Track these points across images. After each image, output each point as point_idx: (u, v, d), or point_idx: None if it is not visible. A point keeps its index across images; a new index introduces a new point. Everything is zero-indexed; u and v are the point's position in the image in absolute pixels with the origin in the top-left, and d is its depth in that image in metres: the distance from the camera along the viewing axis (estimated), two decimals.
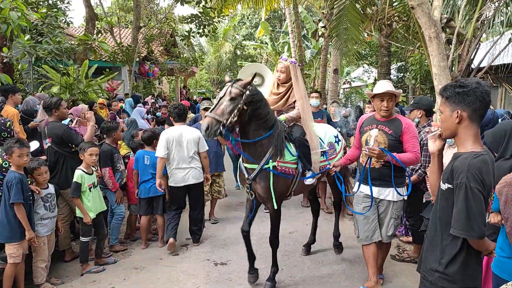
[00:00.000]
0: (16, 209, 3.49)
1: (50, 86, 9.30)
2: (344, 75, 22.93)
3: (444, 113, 2.04)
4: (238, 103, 3.32)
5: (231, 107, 3.30)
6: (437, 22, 6.24)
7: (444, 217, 2.02)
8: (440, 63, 6.05)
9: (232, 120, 3.31)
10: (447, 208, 1.99)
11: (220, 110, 3.28)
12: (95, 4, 14.65)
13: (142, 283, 4.04)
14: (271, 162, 3.58)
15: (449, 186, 1.96)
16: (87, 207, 4.24)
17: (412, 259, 4.44)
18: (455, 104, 1.98)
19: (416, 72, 10.01)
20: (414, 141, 3.44)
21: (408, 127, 3.45)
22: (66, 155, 4.53)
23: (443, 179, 2.05)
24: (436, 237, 2.08)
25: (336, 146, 4.36)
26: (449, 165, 2.02)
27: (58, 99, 4.68)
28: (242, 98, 3.35)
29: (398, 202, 3.57)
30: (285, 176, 3.69)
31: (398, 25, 9.86)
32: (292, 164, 3.73)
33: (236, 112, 3.31)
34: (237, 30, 35.34)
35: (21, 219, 3.51)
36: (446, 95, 2.02)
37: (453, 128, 2.01)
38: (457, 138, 2.04)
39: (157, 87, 18.30)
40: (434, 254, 2.07)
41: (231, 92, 3.34)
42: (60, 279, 4.13)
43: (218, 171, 5.87)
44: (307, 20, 18.90)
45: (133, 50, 13.32)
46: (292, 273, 4.19)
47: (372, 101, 3.65)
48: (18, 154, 3.56)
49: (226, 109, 3.29)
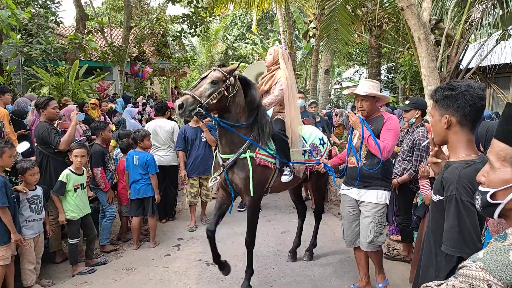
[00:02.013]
0: (1, 212, 3.45)
1: (40, 86, 9.23)
2: (335, 75, 23.08)
3: (434, 117, 1.89)
4: (220, 87, 3.19)
5: (211, 90, 3.16)
6: (426, 23, 6.33)
7: (436, 230, 1.86)
8: (429, 64, 6.15)
9: (211, 102, 3.14)
10: (440, 221, 1.82)
11: (199, 91, 3.14)
12: (85, 4, 14.53)
13: (133, 283, 4.03)
14: (248, 152, 3.46)
15: (440, 198, 1.81)
16: (71, 207, 4.22)
17: (402, 257, 4.50)
18: (443, 108, 1.82)
19: (405, 73, 10.12)
20: (388, 134, 3.23)
21: (387, 120, 3.29)
22: (50, 156, 4.47)
23: (434, 190, 1.90)
24: (431, 252, 1.90)
25: (320, 148, 4.23)
26: (440, 175, 1.87)
27: (46, 99, 4.63)
28: (225, 83, 3.23)
29: (379, 206, 3.36)
30: (263, 167, 3.57)
31: (388, 27, 9.96)
32: (270, 158, 3.62)
33: (216, 95, 3.16)
34: (229, 31, 35.32)
35: (6, 223, 3.47)
36: (436, 98, 1.87)
37: (442, 134, 1.86)
38: (448, 145, 1.89)
39: (149, 87, 18.21)
40: (430, 271, 1.88)
41: (212, 75, 3.23)
42: (51, 281, 4.10)
43: (206, 174, 5.73)
44: (299, 20, 18.99)
45: (124, 50, 13.25)
46: (284, 273, 4.22)
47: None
48: (9, 154, 3.55)
49: (204, 91, 3.15)
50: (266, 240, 5.14)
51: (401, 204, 4.48)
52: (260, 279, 4.07)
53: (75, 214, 4.25)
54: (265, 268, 4.32)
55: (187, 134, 5.68)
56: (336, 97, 22.04)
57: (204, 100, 3.11)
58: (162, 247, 5.00)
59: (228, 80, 3.24)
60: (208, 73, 3.27)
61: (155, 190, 4.97)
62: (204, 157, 5.74)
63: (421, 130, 4.25)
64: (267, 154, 3.58)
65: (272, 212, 6.38)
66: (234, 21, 35.03)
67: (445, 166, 1.87)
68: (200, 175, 5.75)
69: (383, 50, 11.51)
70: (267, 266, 4.37)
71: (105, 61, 13.09)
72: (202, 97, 3.11)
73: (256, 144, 3.49)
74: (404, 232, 4.50)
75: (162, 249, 4.93)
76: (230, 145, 3.48)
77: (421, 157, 4.18)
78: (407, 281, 3.92)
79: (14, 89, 8.42)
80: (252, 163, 3.45)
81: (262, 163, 3.54)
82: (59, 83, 8.48)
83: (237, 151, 3.45)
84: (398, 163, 4.34)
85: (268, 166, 3.59)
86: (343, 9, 9.12)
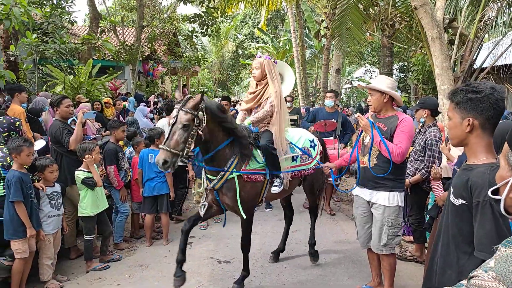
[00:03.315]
0: (16, 207, 3.54)
1: (54, 85, 9.37)
2: (345, 75, 22.98)
3: (453, 119, 1.84)
4: (191, 130, 3.13)
5: (185, 136, 3.10)
6: (440, 22, 6.29)
7: (458, 234, 1.82)
8: (443, 64, 6.10)
9: (189, 150, 3.15)
10: (462, 225, 1.79)
11: (174, 142, 3.07)
12: (98, 3, 14.70)
13: (147, 280, 4.09)
14: (235, 172, 3.45)
15: (464, 202, 1.75)
16: (87, 204, 4.30)
17: (414, 258, 4.49)
18: (466, 111, 1.78)
19: (418, 73, 10.03)
20: (402, 136, 3.14)
21: (402, 122, 3.18)
22: (63, 154, 4.53)
23: (456, 193, 1.82)
24: (450, 256, 1.86)
25: (311, 151, 4.16)
26: (461, 178, 1.80)
27: (59, 97, 4.69)
28: (195, 122, 3.14)
29: (392, 208, 3.25)
30: (252, 183, 3.57)
31: (401, 26, 9.90)
32: (259, 171, 3.60)
33: (191, 140, 3.14)
34: (239, 30, 35.36)
35: (21, 217, 3.55)
36: (457, 100, 1.81)
37: (462, 136, 1.82)
38: (467, 147, 1.85)
39: (160, 86, 18.35)
40: (450, 276, 1.83)
41: (182, 119, 3.10)
42: (66, 276, 4.18)
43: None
44: (311, 19, 18.92)
45: (136, 49, 13.37)
46: (296, 272, 4.24)
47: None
48: (27, 153, 3.62)
49: (180, 139, 3.09)
50: (277, 240, 5.13)
51: (413, 204, 4.46)
52: (272, 278, 4.09)
53: (91, 211, 4.32)
54: (277, 267, 4.34)
55: None
56: (347, 96, 21.93)
57: (182, 150, 3.10)
58: (175, 245, 5.03)
59: (196, 118, 3.15)
60: (176, 116, 3.13)
61: (170, 187, 5.03)
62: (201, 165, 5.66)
63: (433, 130, 4.22)
64: (255, 168, 3.57)
65: (281, 215, 6.38)
66: (244, 20, 35.07)
67: (465, 168, 1.83)
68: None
69: (395, 49, 11.44)
70: (279, 265, 4.39)
71: (118, 60, 13.22)
72: (179, 146, 3.07)
73: (243, 160, 3.49)
74: (417, 232, 4.48)
75: (174, 247, 4.96)
76: (214, 167, 3.48)
77: (434, 157, 4.16)
78: (420, 282, 3.90)
79: (29, 88, 8.56)
80: (239, 182, 3.47)
81: (250, 179, 3.54)
82: (77, 82, 8.59)
83: (221, 173, 3.45)
84: (410, 163, 4.32)
85: (257, 180, 3.59)
86: (355, 8, 9.09)
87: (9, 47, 7.21)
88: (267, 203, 6.31)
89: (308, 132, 4.49)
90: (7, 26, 5.92)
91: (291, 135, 4.09)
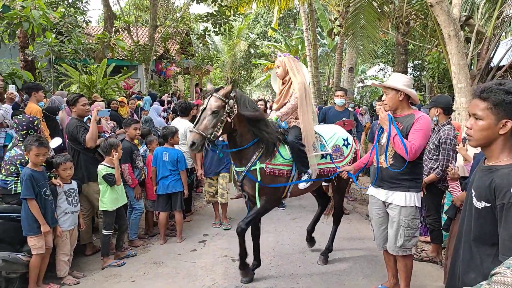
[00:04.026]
0: (29, 204, 3.59)
1: (69, 84, 9.49)
2: (358, 73, 22.80)
3: (487, 120, 1.76)
4: (221, 116, 3.32)
5: (214, 121, 3.30)
6: (456, 20, 6.18)
7: (481, 237, 1.79)
8: (459, 62, 6.00)
9: (217, 134, 3.33)
10: (485, 228, 1.75)
11: (203, 125, 3.29)
12: (112, 3, 14.84)
13: (161, 277, 4.12)
14: (258, 164, 3.57)
15: (487, 204, 1.72)
16: (107, 199, 4.38)
17: (431, 258, 4.42)
18: (504, 112, 1.71)
19: (433, 71, 9.88)
20: (416, 134, 3.07)
21: (417, 120, 3.10)
22: (80, 151, 4.59)
23: (477, 196, 1.78)
24: (473, 259, 1.82)
25: (344, 150, 4.11)
26: (483, 180, 1.76)
27: (76, 96, 4.75)
28: (225, 109, 3.33)
29: (409, 209, 3.18)
30: (273, 176, 3.65)
31: (416, 23, 9.77)
32: (285, 166, 3.69)
33: (220, 125, 3.32)
34: (251, 29, 35.34)
35: (34, 213, 3.60)
36: (494, 101, 1.73)
37: (493, 138, 1.76)
38: (489, 148, 1.80)
39: (173, 85, 18.46)
40: (474, 279, 1.77)
41: (212, 105, 3.31)
42: (82, 273, 4.24)
43: (222, 172, 5.58)
44: (323, 17, 18.80)
45: (150, 49, 13.47)
46: (310, 271, 4.21)
47: None
48: (35, 152, 3.64)
49: (209, 124, 3.29)
50: (291, 238, 5.15)
51: (430, 204, 4.40)
52: (286, 277, 4.07)
53: (111, 205, 4.40)
54: (291, 266, 4.32)
55: None
56: (360, 95, 21.75)
57: (210, 134, 3.28)
58: (188, 242, 5.08)
59: (227, 105, 3.34)
60: (207, 103, 3.34)
61: (184, 185, 5.06)
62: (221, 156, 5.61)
63: (447, 128, 4.16)
64: (281, 163, 3.67)
65: (297, 211, 6.37)
66: (256, 19, 35.03)
67: (487, 170, 1.78)
68: (212, 175, 5.62)
69: (410, 48, 11.30)
70: (293, 264, 4.37)
71: (132, 59, 13.34)
72: (208, 130, 3.28)
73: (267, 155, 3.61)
74: (433, 232, 4.41)
75: (188, 244, 5.01)
76: (241, 160, 3.65)
77: (448, 156, 4.10)
78: (437, 282, 3.85)
79: (45, 87, 8.69)
80: (261, 173, 3.58)
81: (272, 172, 3.63)
82: (90, 81, 8.71)
83: (247, 164, 3.61)
84: (424, 162, 4.26)
85: (280, 175, 3.68)
86: (369, 6, 9.02)
87: (27, 47, 7.33)
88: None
89: (343, 130, 4.45)
90: (26, 28, 6.01)
91: (324, 132, 4.09)
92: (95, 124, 4.56)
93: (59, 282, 3.95)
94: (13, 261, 3.54)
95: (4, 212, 3.78)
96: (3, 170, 3.96)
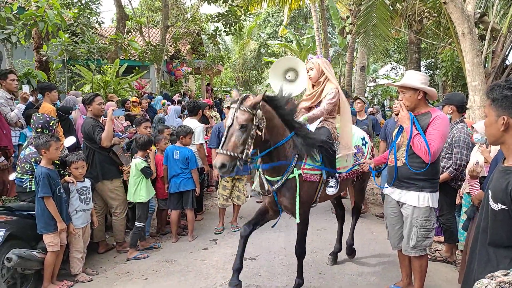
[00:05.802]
0: (46, 202, 3.65)
1: (82, 84, 9.62)
2: (370, 72, 22.63)
3: (489, 117, 1.80)
4: (250, 130, 2.92)
5: (244, 137, 2.90)
6: (471, 17, 6.09)
7: (497, 239, 1.77)
8: (474, 59, 5.91)
9: (249, 152, 2.93)
10: (501, 230, 1.74)
11: (232, 144, 2.87)
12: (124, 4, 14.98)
13: (173, 275, 4.14)
14: (296, 170, 3.32)
15: (503, 207, 1.70)
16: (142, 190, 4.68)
17: (444, 258, 4.37)
18: (502, 108, 1.73)
19: (447, 69, 9.75)
20: (435, 134, 2.96)
21: (435, 119, 3.00)
22: (95, 150, 4.64)
23: (494, 198, 1.76)
24: (489, 261, 1.80)
25: (363, 149, 4.07)
26: (500, 182, 1.74)
27: (92, 95, 4.82)
28: (253, 122, 2.92)
29: (422, 209, 3.10)
30: (310, 182, 3.43)
31: (429, 21, 9.65)
32: (316, 170, 3.46)
33: (250, 141, 2.94)
34: (262, 29, 35.36)
35: (51, 211, 3.66)
36: (492, 97, 1.76)
37: (498, 135, 1.77)
38: (504, 147, 1.79)
39: (184, 85, 18.56)
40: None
41: (239, 119, 2.90)
42: (95, 270, 4.29)
43: (238, 175, 5.38)
44: (336, 16, 18.69)
45: (161, 49, 13.57)
46: (321, 270, 4.19)
47: None
48: (55, 147, 3.74)
49: (238, 141, 2.89)
50: None
51: (443, 203, 4.31)
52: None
53: (146, 197, 4.66)
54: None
55: (221, 131, 5.43)
56: (372, 94, 21.59)
57: (241, 152, 2.89)
58: (200, 241, 5.10)
59: (255, 117, 2.94)
60: (233, 118, 2.93)
61: (196, 183, 5.10)
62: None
63: (461, 127, 4.10)
64: (313, 167, 3.42)
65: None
66: (267, 19, 35.04)
67: (504, 171, 1.76)
68: (233, 175, 5.39)
69: (422, 46, 11.17)
70: (305, 264, 4.29)
71: (143, 60, 13.45)
72: (238, 149, 2.88)
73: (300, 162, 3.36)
74: (447, 232, 4.34)
75: (199, 243, 5.03)
76: (277, 169, 3.33)
77: (462, 154, 4.04)
78: (451, 283, 3.80)
79: (58, 87, 8.81)
80: (299, 181, 3.32)
81: (309, 178, 3.39)
82: (104, 81, 8.81)
83: (285, 174, 3.31)
84: None
85: (315, 180, 3.46)
86: (381, 4, 8.93)
87: (41, 47, 7.44)
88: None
89: (359, 129, 4.40)
90: (41, 27, 6.10)
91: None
92: (110, 123, 4.62)
93: (72, 279, 4.00)
94: (28, 258, 3.60)
95: (19, 210, 3.85)
96: (19, 168, 4.03)
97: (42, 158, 3.79)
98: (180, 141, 5.19)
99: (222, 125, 5.67)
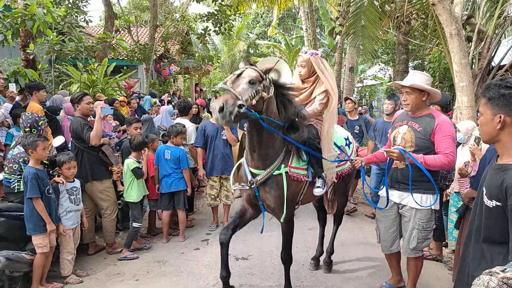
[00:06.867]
0: (34, 203, 3.59)
1: (70, 84, 9.48)
2: (358, 73, 22.79)
3: (484, 115, 1.80)
4: (257, 88, 2.81)
5: (250, 90, 2.78)
6: (458, 18, 6.18)
7: (491, 235, 1.78)
8: (461, 60, 5.99)
9: (250, 102, 2.75)
10: (495, 226, 1.75)
11: (237, 90, 2.76)
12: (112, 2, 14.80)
13: (165, 275, 4.11)
14: (283, 167, 3.13)
15: (498, 204, 1.71)
16: (134, 190, 4.72)
17: (434, 256, 4.43)
18: (498, 107, 1.73)
19: (434, 70, 9.89)
20: (447, 142, 2.92)
21: (441, 124, 2.95)
22: (84, 150, 4.57)
23: (488, 195, 1.77)
24: (483, 258, 1.82)
25: (347, 150, 3.87)
26: (495, 179, 1.75)
27: (80, 94, 4.75)
28: (261, 84, 2.86)
29: (423, 211, 3.07)
30: (297, 182, 3.26)
31: (417, 23, 9.78)
32: (303, 170, 3.28)
33: (256, 96, 2.80)
34: (251, 29, 35.34)
35: (40, 212, 3.60)
36: (489, 96, 1.76)
37: (493, 133, 1.79)
38: (499, 145, 1.80)
39: (173, 85, 18.45)
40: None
41: (249, 74, 2.82)
42: (85, 272, 4.23)
43: (226, 174, 5.38)
44: (325, 17, 18.77)
45: (150, 48, 13.46)
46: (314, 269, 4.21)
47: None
48: (42, 147, 3.67)
49: (244, 91, 2.76)
50: (294, 237, 5.05)
51: None
52: (290, 276, 4.05)
53: (137, 197, 4.70)
54: (294, 265, 4.24)
55: (207, 130, 5.43)
56: (360, 95, 21.76)
57: (246, 99, 2.73)
58: (191, 241, 5.07)
59: (264, 81, 2.88)
60: (243, 71, 2.86)
61: (187, 183, 5.06)
62: (224, 155, 5.40)
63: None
64: (300, 166, 3.26)
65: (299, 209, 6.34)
66: (256, 19, 35.03)
67: (499, 168, 1.77)
68: (220, 175, 5.43)
69: (410, 47, 11.30)
70: (297, 263, 4.34)
71: (132, 59, 13.33)
72: (243, 95, 2.74)
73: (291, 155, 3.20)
74: (437, 231, 4.39)
75: (191, 243, 5.00)
76: (263, 158, 3.12)
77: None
78: (441, 280, 3.85)
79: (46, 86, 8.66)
80: (287, 179, 3.12)
81: (296, 177, 3.22)
82: (91, 80, 8.70)
83: (270, 166, 3.11)
84: None
85: (301, 180, 3.28)
86: (370, 5, 9.02)
87: (28, 46, 7.30)
88: None
89: (342, 129, 4.26)
90: (29, 26, 5.99)
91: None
92: (100, 121, 4.54)
93: (62, 281, 3.94)
94: (16, 260, 3.54)
95: (7, 211, 3.78)
96: (6, 168, 3.95)
97: (30, 158, 3.72)
98: (171, 141, 5.15)
99: (208, 123, 5.63)
